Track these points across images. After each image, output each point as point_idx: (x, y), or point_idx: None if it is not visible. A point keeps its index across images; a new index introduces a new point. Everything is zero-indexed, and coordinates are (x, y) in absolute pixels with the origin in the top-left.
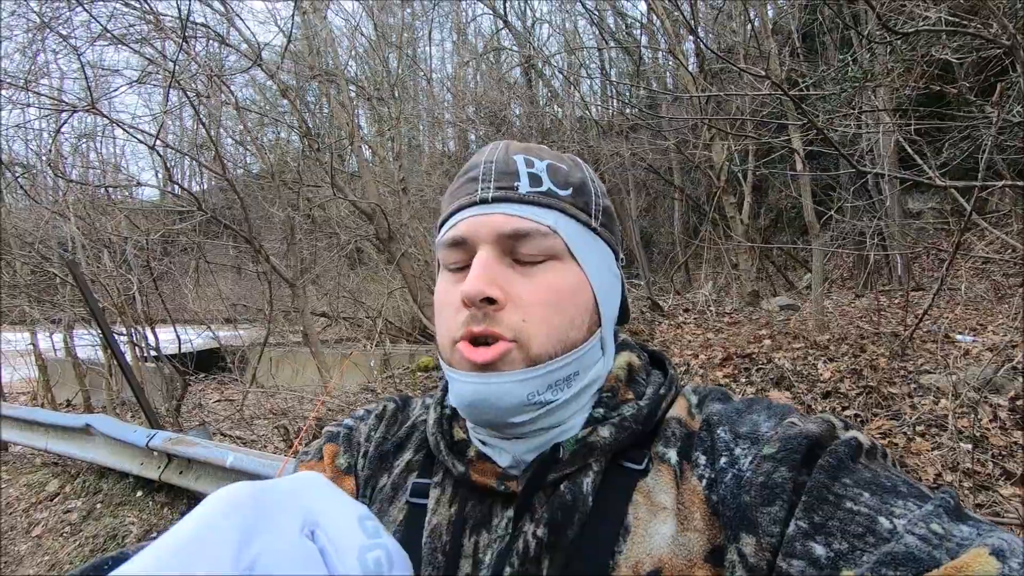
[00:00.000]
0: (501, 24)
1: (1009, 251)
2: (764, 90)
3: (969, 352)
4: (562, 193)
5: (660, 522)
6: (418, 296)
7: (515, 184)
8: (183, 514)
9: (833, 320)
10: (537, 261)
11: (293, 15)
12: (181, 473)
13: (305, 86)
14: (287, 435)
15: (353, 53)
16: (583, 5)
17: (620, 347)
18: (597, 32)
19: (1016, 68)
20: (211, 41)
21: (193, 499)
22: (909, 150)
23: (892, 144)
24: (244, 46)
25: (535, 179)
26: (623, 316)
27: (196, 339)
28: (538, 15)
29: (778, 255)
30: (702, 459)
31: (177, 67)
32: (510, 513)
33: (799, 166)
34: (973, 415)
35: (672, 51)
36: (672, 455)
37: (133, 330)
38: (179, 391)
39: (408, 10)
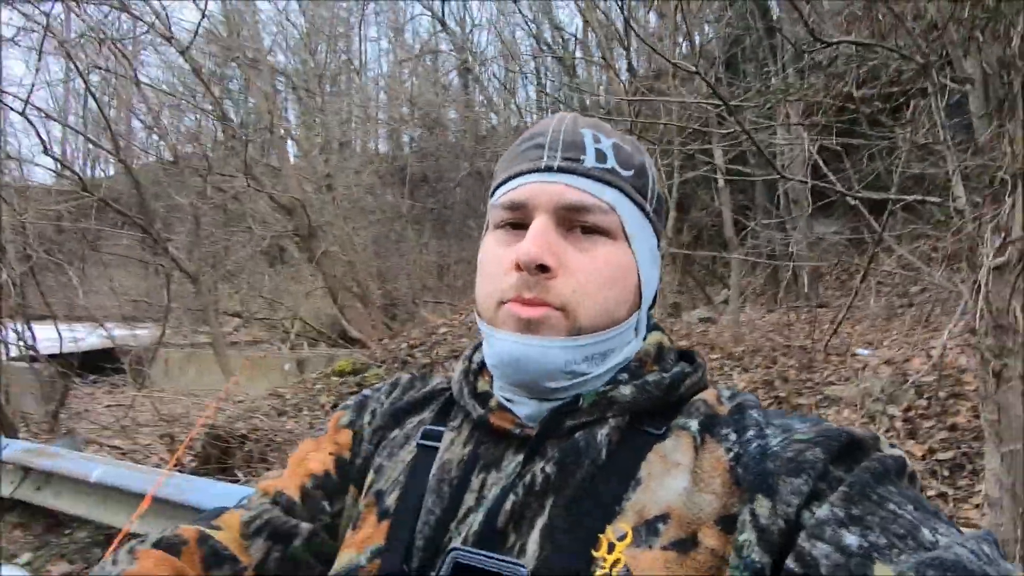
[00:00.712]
0: (439, 26)
1: (903, 270)
2: (694, 97)
3: (868, 365)
4: (624, 173)
5: (672, 477)
6: (339, 297)
7: (581, 157)
8: (39, 536)
9: (747, 333)
10: (592, 234)
11: None
12: (39, 489)
13: (224, 70)
14: (172, 444)
15: (280, 41)
16: (521, 13)
17: (652, 328)
18: (534, 42)
19: (929, 88)
20: (113, 10)
21: (52, 519)
22: (823, 166)
23: (807, 157)
24: (155, 20)
25: (600, 155)
26: (653, 301)
27: (89, 338)
28: (477, 21)
29: (698, 270)
30: (732, 435)
31: (54, 24)
32: (522, 457)
33: (720, 181)
34: (873, 425)
35: (605, 62)
36: (693, 424)
37: (1, 325)
38: (59, 395)
39: (343, 3)
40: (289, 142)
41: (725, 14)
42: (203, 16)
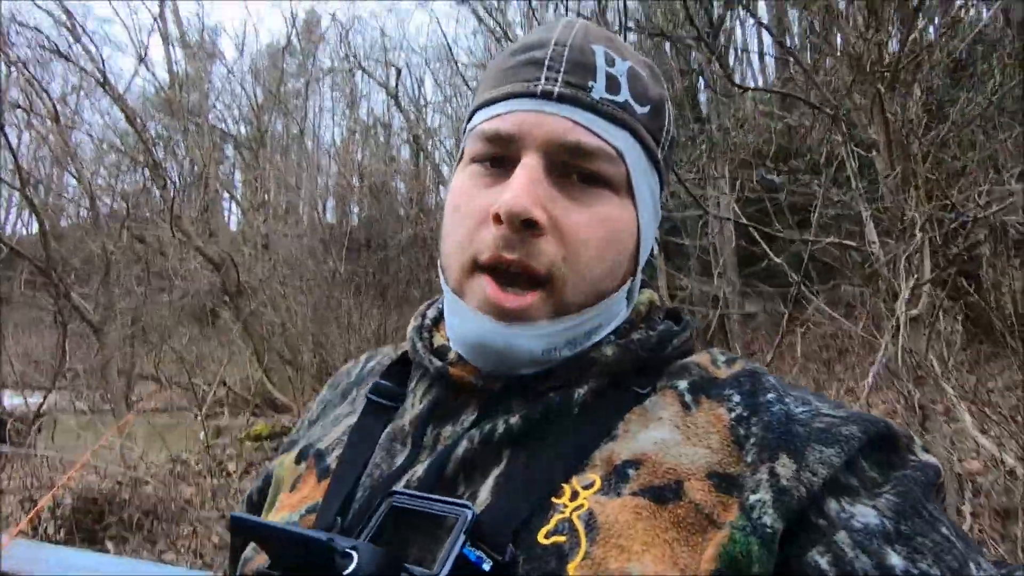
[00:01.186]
0: (392, 102)
1: (826, 319)
2: None
3: None
4: (639, 110)
5: (651, 430)
6: (264, 360)
7: (589, 84)
8: None
9: None
10: (591, 184)
11: (148, 38)
12: None
13: (162, 119)
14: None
15: (232, 105)
16: (471, 89)
17: (642, 286)
18: None
19: (840, 138)
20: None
21: None
22: (742, 218)
23: (734, 199)
24: (90, 66)
25: (613, 83)
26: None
27: None
28: (429, 99)
29: None
30: (735, 396)
31: None
32: (478, 411)
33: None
34: None
35: None
36: (682, 384)
37: None
38: None
39: (298, 78)
40: (233, 205)
41: None
42: (140, 62)
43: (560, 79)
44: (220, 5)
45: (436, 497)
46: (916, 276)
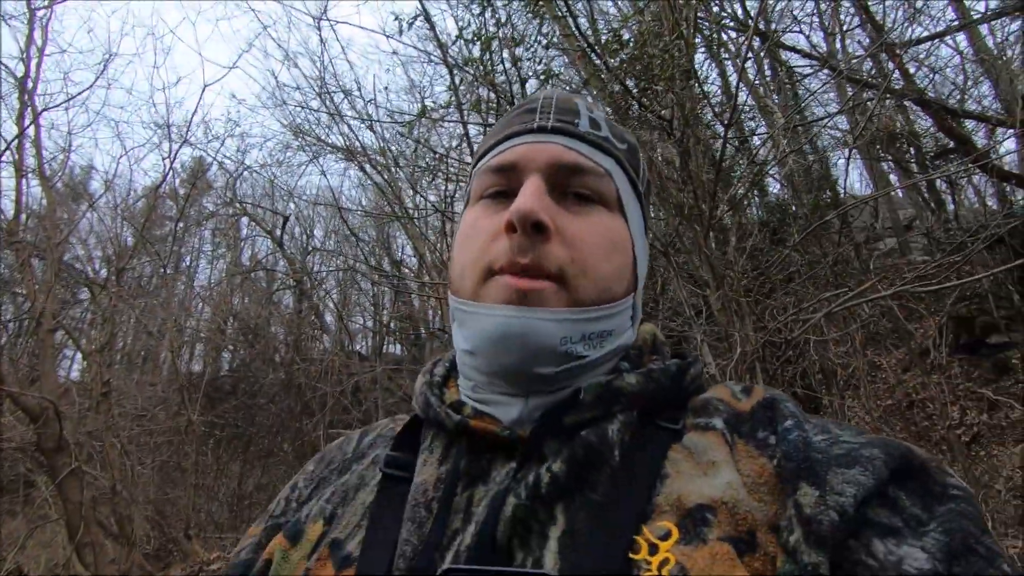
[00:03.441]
0: (276, 247)
1: None
2: None
3: None
4: (619, 145)
5: (711, 476)
6: (78, 532)
7: (575, 121)
8: None
9: None
10: (587, 202)
11: None
12: None
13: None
14: None
15: (88, 238)
16: (359, 240)
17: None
18: (373, 276)
19: (670, 272)
20: None
21: None
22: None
23: None
24: None
25: (595, 123)
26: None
27: None
28: (316, 243)
29: None
30: (771, 439)
31: None
32: (515, 464)
33: None
34: None
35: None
36: (718, 423)
37: None
38: None
39: (176, 221)
40: (75, 353)
41: None
42: None
43: (552, 117)
44: (94, 141)
45: (499, 569)
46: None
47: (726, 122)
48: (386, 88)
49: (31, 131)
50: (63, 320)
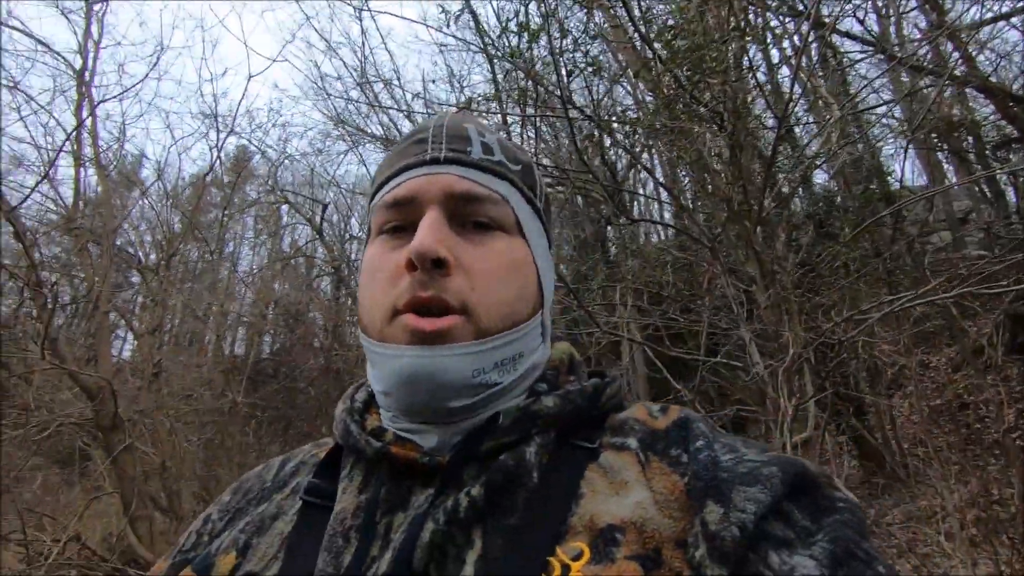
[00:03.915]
0: (316, 235)
1: None
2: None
3: None
4: (513, 167)
5: (622, 496)
6: (132, 505)
7: (467, 148)
8: None
9: None
10: (486, 230)
11: (54, 162)
12: None
13: (55, 237)
14: None
15: (140, 224)
16: None
17: (554, 339)
18: None
19: (717, 268)
20: None
21: None
22: (642, 342)
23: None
24: None
25: (487, 148)
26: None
27: None
28: (354, 231)
29: None
30: (684, 457)
31: None
32: (433, 490)
33: None
34: None
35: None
36: (632, 442)
37: None
38: None
39: (220, 208)
40: (127, 333)
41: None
42: (44, 178)
43: (444, 147)
44: (145, 131)
45: None
46: (799, 396)
47: (779, 115)
48: (433, 82)
49: (88, 122)
50: (116, 303)
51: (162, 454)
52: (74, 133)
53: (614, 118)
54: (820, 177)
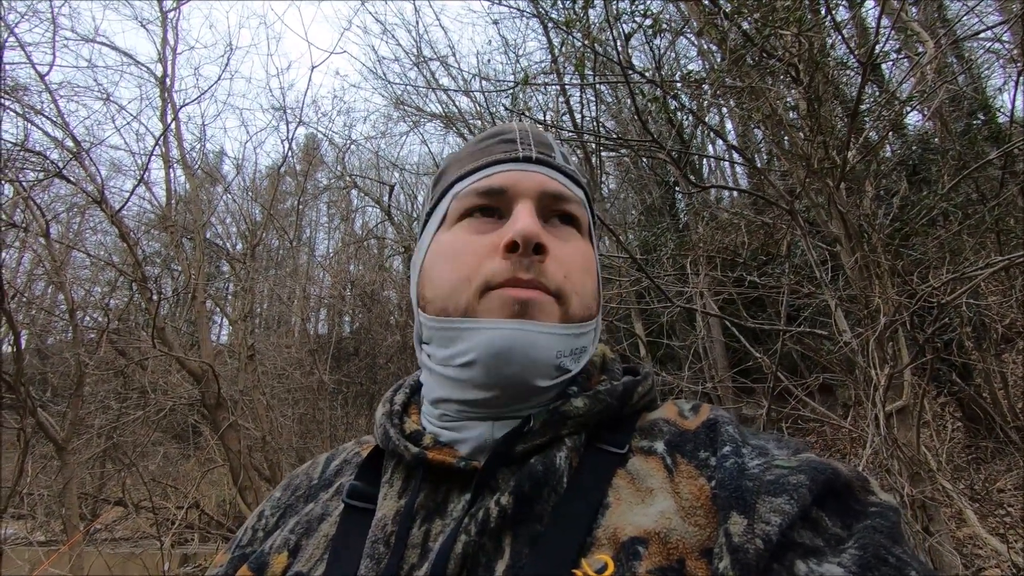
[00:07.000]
0: (385, 216)
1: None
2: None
3: None
4: (581, 180)
5: (647, 505)
6: (240, 477)
7: (552, 154)
8: None
9: None
10: (569, 227)
11: (150, 159)
12: None
13: (158, 237)
14: None
15: (224, 216)
16: None
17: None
18: None
19: (796, 231)
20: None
21: None
22: (715, 309)
23: (711, 303)
24: (91, 186)
25: (565, 157)
26: None
27: None
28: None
29: None
30: (712, 460)
31: None
32: (469, 496)
33: (642, 351)
34: None
35: None
36: (659, 446)
37: None
38: None
39: (295, 196)
40: (222, 319)
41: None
42: (140, 182)
43: (534, 148)
44: (223, 129)
45: None
46: (892, 364)
47: (863, 60)
48: (488, 61)
49: (172, 125)
50: (211, 292)
51: (261, 429)
52: (161, 137)
53: (677, 77)
54: (913, 118)
